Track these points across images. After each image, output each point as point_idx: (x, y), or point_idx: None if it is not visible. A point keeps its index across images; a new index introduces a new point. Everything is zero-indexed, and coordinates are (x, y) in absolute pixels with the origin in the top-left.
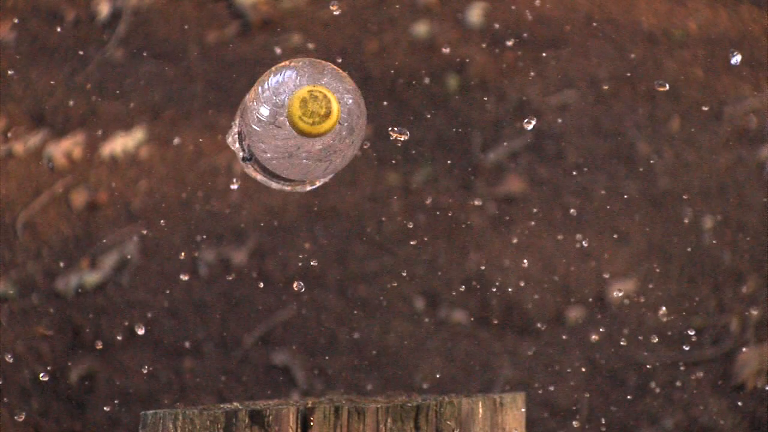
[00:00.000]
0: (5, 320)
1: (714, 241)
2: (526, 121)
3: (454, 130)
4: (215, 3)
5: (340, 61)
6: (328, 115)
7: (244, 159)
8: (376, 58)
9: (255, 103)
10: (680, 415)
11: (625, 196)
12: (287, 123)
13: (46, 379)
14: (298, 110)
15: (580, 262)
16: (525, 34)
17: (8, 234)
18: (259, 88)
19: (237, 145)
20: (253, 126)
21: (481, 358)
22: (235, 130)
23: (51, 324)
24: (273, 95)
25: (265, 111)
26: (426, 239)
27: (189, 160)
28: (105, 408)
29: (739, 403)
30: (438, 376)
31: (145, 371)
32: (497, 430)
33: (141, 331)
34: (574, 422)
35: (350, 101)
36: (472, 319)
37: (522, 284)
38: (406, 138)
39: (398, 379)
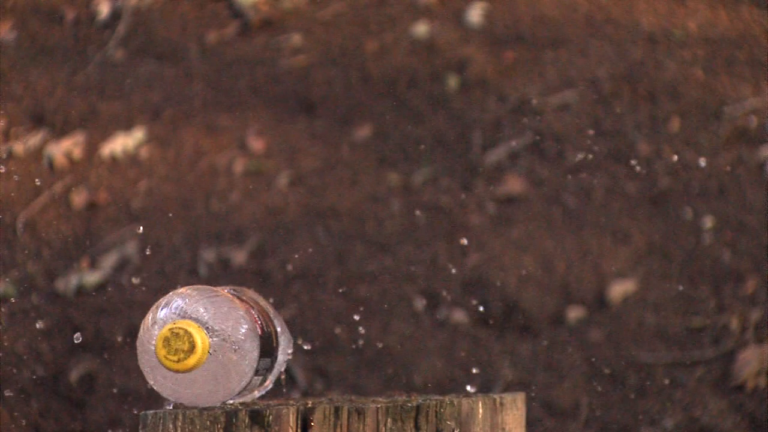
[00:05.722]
0: (5, 320)
1: (714, 241)
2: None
3: (454, 130)
4: (215, 3)
5: (339, 61)
6: (192, 349)
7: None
8: (376, 58)
9: (147, 338)
10: (680, 415)
11: (625, 196)
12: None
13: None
14: (163, 350)
15: (580, 262)
16: (525, 34)
17: (8, 234)
18: (149, 320)
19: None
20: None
21: (481, 358)
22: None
23: (51, 324)
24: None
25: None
26: (426, 239)
27: (189, 160)
28: (105, 408)
29: (739, 403)
30: (438, 376)
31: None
32: (497, 430)
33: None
34: (574, 422)
35: (244, 329)
36: (472, 319)
37: (522, 284)
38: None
39: (398, 379)
